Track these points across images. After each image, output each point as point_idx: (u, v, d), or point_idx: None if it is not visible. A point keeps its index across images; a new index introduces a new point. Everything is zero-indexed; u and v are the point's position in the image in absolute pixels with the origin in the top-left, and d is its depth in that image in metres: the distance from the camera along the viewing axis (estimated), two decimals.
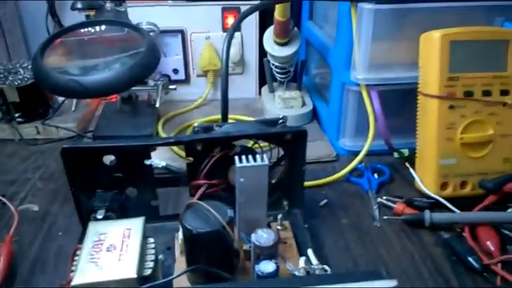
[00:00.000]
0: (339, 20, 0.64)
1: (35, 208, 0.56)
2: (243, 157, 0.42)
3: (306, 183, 0.62)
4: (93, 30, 0.59)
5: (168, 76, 0.73)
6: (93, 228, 0.41)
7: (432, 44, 0.54)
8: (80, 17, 0.74)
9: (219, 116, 0.79)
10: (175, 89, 0.73)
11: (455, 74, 0.54)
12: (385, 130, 0.62)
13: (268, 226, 0.46)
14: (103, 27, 0.59)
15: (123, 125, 0.71)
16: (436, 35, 0.54)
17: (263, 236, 0.39)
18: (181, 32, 0.81)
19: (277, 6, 0.67)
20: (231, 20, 0.81)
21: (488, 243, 0.50)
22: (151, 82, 0.70)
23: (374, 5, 0.56)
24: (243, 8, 0.80)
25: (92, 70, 0.58)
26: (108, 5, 0.63)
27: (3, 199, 0.56)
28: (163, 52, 0.83)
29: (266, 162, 0.41)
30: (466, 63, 0.55)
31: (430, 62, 0.55)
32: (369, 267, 0.49)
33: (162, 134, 0.73)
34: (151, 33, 0.76)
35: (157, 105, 0.68)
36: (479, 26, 0.57)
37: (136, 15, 0.76)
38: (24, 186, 0.62)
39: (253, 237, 0.39)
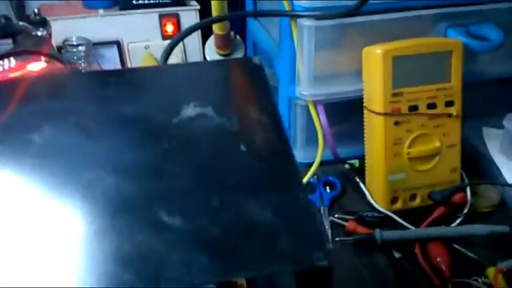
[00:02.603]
0: (281, 32, 0.61)
1: None
2: None
3: None
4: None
5: None
6: None
7: (374, 60, 0.53)
8: None
9: None
10: None
11: (399, 89, 0.53)
12: (332, 143, 0.61)
13: None
14: (12, 60, 0.52)
15: None
16: (377, 50, 0.52)
17: None
18: (117, 43, 0.76)
19: None
20: (170, 28, 0.77)
21: (439, 260, 0.50)
22: None
23: (314, 21, 0.53)
24: (182, 14, 0.76)
25: None
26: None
27: None
28: (99, 65, 0.78)
29: None
30: (409, 78, 0.53)
31: (373, 78, 0.53)
32: None
33: None
34: (81, 47, 0.71)
35: None
36: (422, 35, 0.56)
37: (65, 29, 0.70)
38: None
39: None
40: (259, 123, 0.29)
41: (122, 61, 0.78)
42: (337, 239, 0.55)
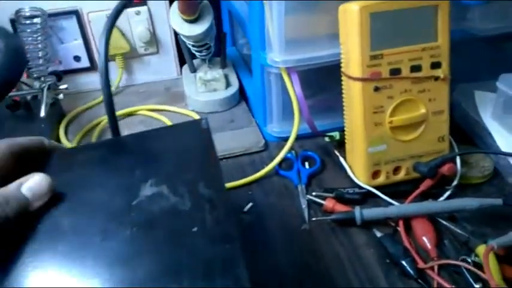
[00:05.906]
0: None
1: None
2: None
3: (231, 184, 0.55)
4: None
5: (58, 75, 0.62)
6: None
7: (350, 18, 0.47)
8: None
9: (136, 107, 0.71)
10: (66, 88, 0.62)
11: (379, 51, 0.47)
12: (308, 116, 0.55)
13: None
14: None
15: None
16: (353, 7, 0.46)
17: None
18: (76, 13, 0.69)
19: None
20: None
21: (424, 238, 0.46)
22: (36, 84, 0.59)
23: None
24: None
25: None
26: None
27: None
28: (59, 38, 0.71)
29: None
30: (390, 38, 0.48)
31: (350, 39, 0.47)
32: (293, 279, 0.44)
33: (65, 142, 0.63)
34: (36, 19, 0.64)
35: (42, 114, 0.56)
36: None
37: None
38: None
39: None
40: (209, 201, 0.29)
41: (84, 34, 0.71)
42: (313, 219, 0.50)
